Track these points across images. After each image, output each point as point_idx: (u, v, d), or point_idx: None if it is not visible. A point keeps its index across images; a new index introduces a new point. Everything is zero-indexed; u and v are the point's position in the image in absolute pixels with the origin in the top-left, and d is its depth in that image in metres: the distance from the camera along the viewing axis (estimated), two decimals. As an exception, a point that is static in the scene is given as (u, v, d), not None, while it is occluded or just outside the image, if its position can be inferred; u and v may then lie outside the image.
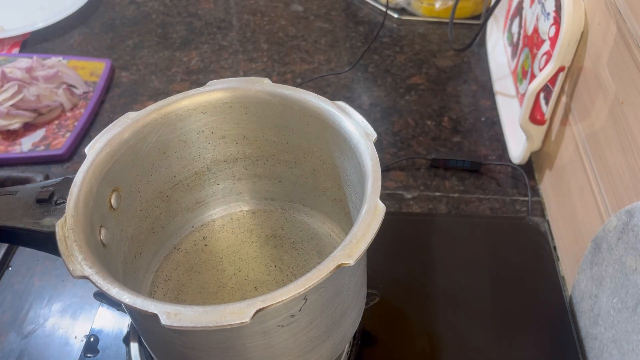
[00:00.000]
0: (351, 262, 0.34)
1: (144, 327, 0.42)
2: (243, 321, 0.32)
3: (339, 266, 0.34)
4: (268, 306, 0.33)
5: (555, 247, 0.61)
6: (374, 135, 0.43)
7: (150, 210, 0.50)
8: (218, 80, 0.49)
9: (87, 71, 0.84)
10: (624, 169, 0.47)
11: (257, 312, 0.32)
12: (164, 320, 0.32)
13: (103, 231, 0.42)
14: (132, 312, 0.41)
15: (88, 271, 0.35)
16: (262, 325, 0.36)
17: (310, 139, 0.49)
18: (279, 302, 0.33)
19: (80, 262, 0.36)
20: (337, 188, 0.51)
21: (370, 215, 0.37)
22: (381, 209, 0.38)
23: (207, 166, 0.53)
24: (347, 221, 0.52)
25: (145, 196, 0.49)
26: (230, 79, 0.49)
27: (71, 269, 0.35)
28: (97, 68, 0.85)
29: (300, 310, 0.37)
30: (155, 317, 0.33)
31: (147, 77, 0.85)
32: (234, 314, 0.32)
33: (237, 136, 0.51)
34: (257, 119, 0.50)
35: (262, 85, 0.48)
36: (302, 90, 0.47)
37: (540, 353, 0.53)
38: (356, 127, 0.44)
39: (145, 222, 0.50)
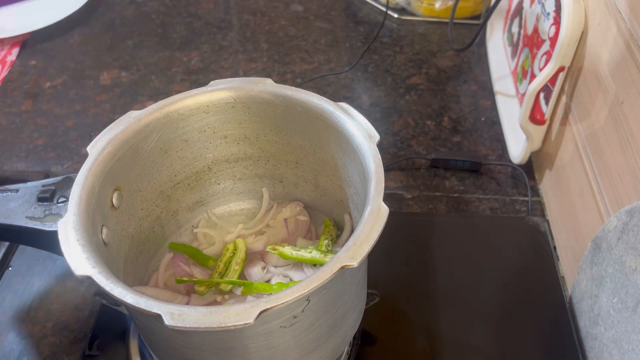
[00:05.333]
0: (355, 264, 0.35)
1: (145, 327, 0.42)
2: (247, 322, 0.32)
3: (342, 268, 0.34)
4: (272, 307, 0.33)
5: (555, 247, 0.62)
6: (376, 137, 0.43)
7: (151, 210, 0.50)
8: (220, 80, 0.49)
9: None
10: (624, 169, 0.48)
11: (261, 313, 0.32)
12: (168, 321, 0.32)
13: (105, 230, 0.42)
14: (134, 312, 0.41)
15: (91, 270, 0.35)
16: (265, 326, 0.36)
17: (312, 139, 0.49)
18: (282, 303, 0.33)
19: (83, 261, 0.36)
20: (339, 189, 0.51)
21: (374, 217, 0.37)
22: (384, 211, 0.38)
23: (208, 166, 0.53)
24: (348, 222, 0.52)
25: (147, 195, 0.49)
26: (232, 79, 0.49)
27: (74, 268, 0.35)
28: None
29: (302, 312, 0.37)
30: (158, 317, 0.32)
31: (147, 77, 0.85)
32: (238, 314, 0.32)
33: (239, 136, 0.51)
34: (259, 119, 0.50)
35: (265, 86, 0.48)
36: (305, 91, 0.47)
37: (540, 353, 0.53)
38: (359, 129, 0.44)
39: (146, 221, 0.50)
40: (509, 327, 0.55)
